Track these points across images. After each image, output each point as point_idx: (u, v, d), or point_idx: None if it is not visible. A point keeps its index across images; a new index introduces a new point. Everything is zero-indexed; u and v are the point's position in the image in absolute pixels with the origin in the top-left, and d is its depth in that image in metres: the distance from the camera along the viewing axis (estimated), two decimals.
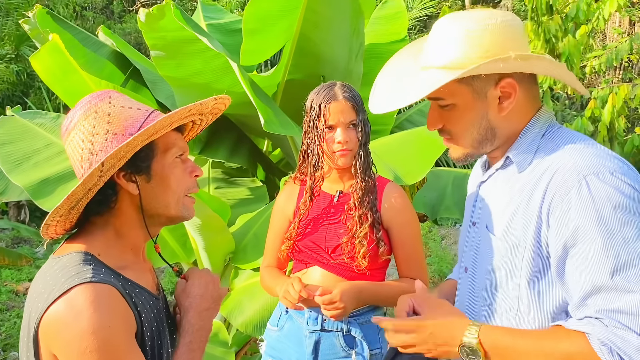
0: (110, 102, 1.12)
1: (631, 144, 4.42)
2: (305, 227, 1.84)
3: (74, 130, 1.11)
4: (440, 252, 5.91)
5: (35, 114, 3.11)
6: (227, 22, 4.22)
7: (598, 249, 1.01)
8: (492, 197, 1.25)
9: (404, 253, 1.83)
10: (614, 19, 8.22)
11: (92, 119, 1.10)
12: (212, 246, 2.71)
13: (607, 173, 1.04)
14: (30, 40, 8.21)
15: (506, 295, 1.18)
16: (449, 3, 11.14)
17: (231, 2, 10.15)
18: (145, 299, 1.14)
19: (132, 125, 1.10)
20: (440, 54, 1.16)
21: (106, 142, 1.08)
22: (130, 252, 1.18)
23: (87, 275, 1.03)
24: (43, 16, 3.26)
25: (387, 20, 4.04)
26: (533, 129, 1.19)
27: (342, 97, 1.74)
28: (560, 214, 1.06)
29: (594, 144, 1.13)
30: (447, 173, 3.46)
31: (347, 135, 1.74)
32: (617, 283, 0.99)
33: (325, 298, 1.66)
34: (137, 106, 1.14)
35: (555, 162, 1.10)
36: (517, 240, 1.14)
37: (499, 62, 1.08)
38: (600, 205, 1.01)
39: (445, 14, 4.33)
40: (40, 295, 1.04)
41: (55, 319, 1.01)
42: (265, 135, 3.88)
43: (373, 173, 1.83)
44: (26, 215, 7.35)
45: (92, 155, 1.09)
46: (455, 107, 1.19)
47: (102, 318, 1.00)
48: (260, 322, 2.54)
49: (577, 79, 1.21)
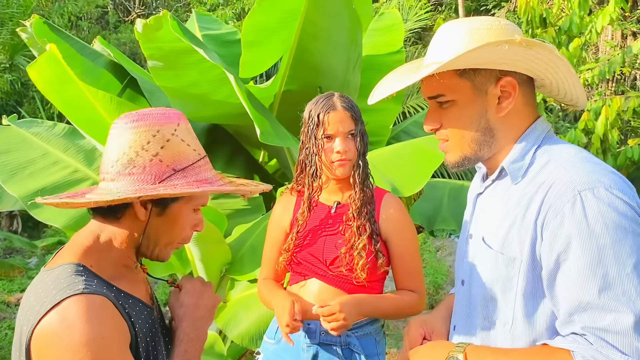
0: (175, 130, 1.13)
1: (624, 156, 4.45)
2: (303, 238, 1.83)
3: (131, 130, 1.11)
4: (435, 264, 5.90)
5: (31, 122, 3.10)
6: (223, 33, 4.23)
7: (587, 265, 1.00)
8: (489, 210, 1.25)
9: (402, 264, 1.82)
10: (606, 32, 8.30)
11: (151, 135, 1.11)
12: (208, 257, 2.69)
13: (602, 189, 1.03)
14: (24, 49, 8.21)
15: (502, 309, 1.17)
16: (443, 15, 11.23)
17: (226, 13, 10.19)
18: (139, 309, 1.14)
19: (180, 162, 1.12)
20: (442, 50, 1.16)
21: (150, 163, 1.10)
22: (122, 267, 1.18)
23: (79, 286, 1.02)
24: (40, 26, 3.26)
25: (383, 31, 4.07)
26: (528, 139, 1.18)
27: (341, 107, 1.75)
28: (553, 228, 1.05)
29: (590, 158, 1.12)
30: (444, 184, 3.47)
31: (346, 145, 1.74)
32: (604, 301, 0.98)
33: (325, 310, 1.64)
34: (194, 146, 1.16)
35: (552, 176, 1.10)
36: (514, 254, 1.13)
37: (503, 44, 1.05)
38: (593, 221, 1.01)
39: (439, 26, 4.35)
40: (32, 307, 1.03)
41: (47, 332, 1.00)
42: (261, 146, 3.88)
43: (371, 184, 1.83)
44: (18, 226, 7.30)
45: (130, 165, 1.09)
46: (455, 104, 1.18)
47: (95, 329, 0.99)
48: (256, 334, 2.52)
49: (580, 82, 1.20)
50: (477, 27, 1.14)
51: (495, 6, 11.22)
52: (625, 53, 4.83)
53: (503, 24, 1.15)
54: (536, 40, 1.10)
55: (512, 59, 1.11)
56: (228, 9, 10.50)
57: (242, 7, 10.30)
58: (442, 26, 1.21)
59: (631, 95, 4.92)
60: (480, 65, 1.13)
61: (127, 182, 1.09)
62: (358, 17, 3.07)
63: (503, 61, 1.12)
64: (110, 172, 1.11)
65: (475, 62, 1.12)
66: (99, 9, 12.28)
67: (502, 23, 1.16)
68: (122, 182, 1.09)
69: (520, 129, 1.19)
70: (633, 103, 4.68)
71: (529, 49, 1.08)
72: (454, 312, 1.37)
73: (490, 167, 1.25)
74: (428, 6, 10.55)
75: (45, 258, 6.47)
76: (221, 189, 1.16)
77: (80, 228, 1.20)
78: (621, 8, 4.58)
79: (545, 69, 1.16)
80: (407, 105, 8.16)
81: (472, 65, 1.13)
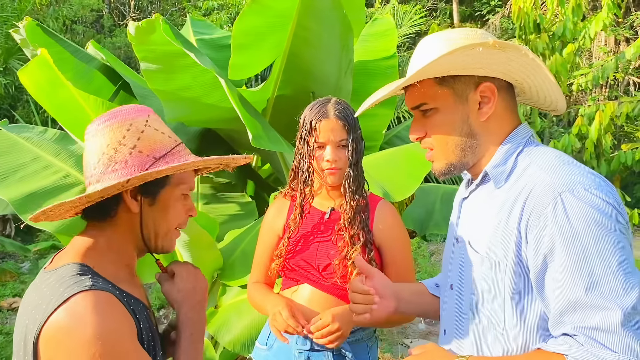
0: (147, 120, 1.16)
1: (617, 161, 4.47)
2: (295, 244, 1.82)
3: (104, 130, 1.13)
4: (429, 268, 5.91)
5: (22, 127, 3.09)
6: (217, 38, 4.23)
7: (573, 265, 1.02)
8: (473, 214, 1.27)
9: (396, 271, 1.80)
10: (599, 38, 8.35)
11: (125, 130, 1.13)
12: (200, 262, 2.68)
13: (581, 189, 1.05)
14: (18, 53, 8.19)
15: (492, 312, 1.18)
16: (438, 20, 11.28)
17: (220, 17, 10.19)
18: (140, 309, 1.14)
19: (158, 150, 1.14)
20: (421, 61, 1.19)
21: (130, 156, 1.11)
22: (123, 268, 1.18)
23: (86, 283, 1.03)
24: (33, 28, 3.26)
25: (376, 37, 4.07)
26: (510, 143, 1.21)
27: (334, 116, 1.73)
28: (537, 231, 1.07)
29: (570, 161, 1.14)
30: (436, 189, 3.47)
31: (337, 154, 1.73)
32: (591, 299, 1.00)
33: (319, 324, 1.63)
34: (168, 133, 1.18)
35: (532, 180, 1.12)
36: (499, 258, 1.15)
37: (477, 46, 1.08)
38: (575, 221, 1.03)
39: (434, 31, 4.36)
40: (38, 306, 1.03)
41: (57, 328, 0.99)
42: (254, 150, 3.88)
43: (365, 192, 1.81)
44: (11, 230, 7.27)
45: (111, 163, 1.11)
46: (438, 112, 1.21)
47: (107, 323, 1.00)
48: (248, 340, 2.51)
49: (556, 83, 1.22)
50: (454, 37, 1.18)
51: (489, 12, 11.28)
52: (619, 59, 4.86)
53: (479, 33, 1.19)
54: (509, 42, 1.13)
55: (487, 63, 1.14)
56: (223, 13, 10.52)
57: (236, 12, 10.31)
58: (422, 40, 1.25)
59: (624, 100, 4.93)
60: (458, 71, 1.16)
61: (112, 178, 1.10)
62: (349, 22, 3.07)
63: (479, 65, 1.15)
64: (94, 174, 1.12)
65: (452, 67, 1.15)
66: (94, 12, 12.27)
67: (478, 32, 1.19)
68: (107, 179, 1.11)
69: (502, 133, 1.22)
70: (626, 108, 4.70)
71: (503, 52, 1.11)
72: (443, 316, 1.37)
73: (474, 173, 1.28)
74: (422, 12, 10.60)
75: (38, 262, 6.43)
76: (204, 160, 1.17)
77: (72, 232, 1.20)
78: (614, 14, 4.61)
79: (522, 72, 1.18)
80: (401, 111, 8.19)
81: (450, 72, 1.16)
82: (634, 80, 8.32)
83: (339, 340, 1.65)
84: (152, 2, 13.50)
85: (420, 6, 10.91)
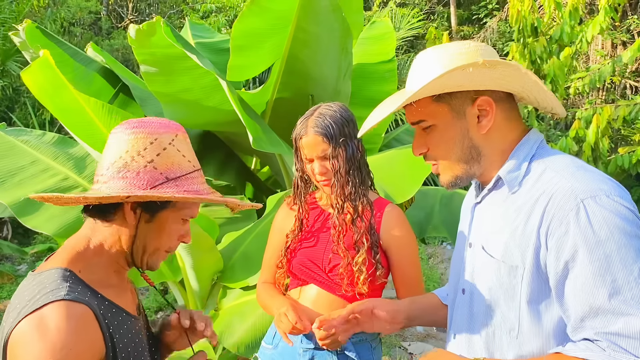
0: (174, 139, 1.15)
1: (615, 164, 4.49)
2: (300, 242, 1.84)
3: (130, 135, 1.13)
4: (427, 271, 5.91)
5: (20, 131, 3.09)
6: (216, 42, 4.24)
7: (596, 271, 1.02)
8: (488, 219, 1.26)
9: (403, 274, 1.81)
10: (596, 42, 8.39)
11: (148, 142, 1.12)
12: (200, 265, 2.68)
13: (603, 196, 1.05)
14: (16, 55, 8.17)
15: (506, 316, 1.18)
16: (436, 24, 11.31)
17: (218, 20, 10.19)
18: (121, 319, 1.14)
19: (173, 171, 1.14)
20: (417, 79, 1.20)
21: (144, 169, 1.11)
22: (113, 273, 1.18)
23: (60, 292, 1.03)
24: (32, 31, 3.26)
25: (375, 40, 4.09)
26: (523, 149, 1.21)
27: (312, 132, 1.72)
28: (558, 237, 1.07)
29: (586, 166, 1.15)
30: (435, 192, 3.48)
31: (323, 167, 1.74)
32: (614, 305, 1.00)
33: (322, 334, 1.63)
34: (189, 157, 1.18)
35: (551, 185, 1.12)
36: (516, 262, 1.14)
37: (468, 67, 1.10)
38: (598, 228, 1.03)
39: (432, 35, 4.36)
40: (15, 309, 1.04)
41: (21, 335, 1.00)
42: (253, 153, 3.88)
43: (364, 197, 1.79)
44: (8, 232, 7.24)
45: (124, 169, 1.11)
46: (437, 128, 1.22)
47: (67, 339, 0.99)
48: (252, 342, 2.50)
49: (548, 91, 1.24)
50: (450, 53, 1.19)
51: (487, 15, 11.31)
52: (616, 62, 4.88)
53: (472, 47, 1.19)
54: (499, 60, 1.14)
55: (481, 80, 1.15)
56: (221, 15, 10.52)
57: (234, 14, 10.32)
58: (417, 55, 1.26)
59: (621, 104, 4.96)
60: (453, 88, 1.17)
61: (119, 185, 1.10)
62: (348, 25, 3.08)
63: (473, 83, 1.16)
64: (105, 174, 1.12)
65: (446, 87, 1.16)
66: (92, 15, 12.26)
67: (471, 46, 1.20)
68: (114, 184, 1.11)
69: (506, 141, 1.22)
70: (623, 112, 4.71)
71: (493, 69, 1.12)
72: (453, 321, 1.37)
73: (483, 180, 1.28)
74: (420, 15, 10.62)
75: (35, 265, 6.41)
76: (209, 198, 1.17)
77: (70, 235, 1.19)
78: (611, 18, 4.63)
79: (517, 84, 1.19)
80: (400, 113, 8.19)
81: (444, 90, 1.17)
82: (630, 83, 8.36)
83: (334, 346, 1.65)
84: (150, 4, 13.50)
85: (418, 9, 10.94)
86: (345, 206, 1.76)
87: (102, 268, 1.15)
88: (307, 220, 1.86)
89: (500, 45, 10.34)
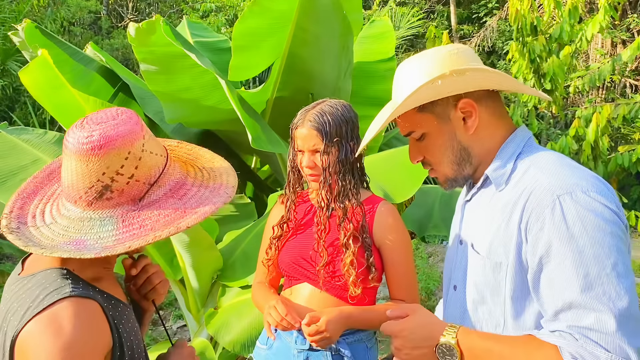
0: (144, 145, 1.11)
1: (615, 163, 4.49)
2: (289, 234, 1.85)
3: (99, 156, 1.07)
4: (427, 270, 5.91)
5: (21, 130, 3.09)
6: (214, 41, 4.25)
7: (569, 266, 1.04)
8: (476, 216, 1.30)
9: (396, 274, 1.80)
10: (596, 40, 8.39)
11: (123, 159, 1.08)
12: (199, 263, 2.69)
13: (579, 192, 1.07)
14: (17, 54, 8.17)
15: (492, 312, 1.21)
16: (436, 23, 11.30)
17: (218, 19, 10.18)
18: (120, 310, 1.15)
19: (153, 175, 1.13)
20: (399, 92, 1.26)
21: (127, 185, 1.09)
22: (102, 267, 1.18)
23: (66, 290, 1.03)
24: (32, 30, 3.26)
25: (375, 39, 4.09)
26: (509, 147, 1.24)
27: (308, 125, 1.72)
28: (535, 232, 1.09)
29: (570, 163, 1.17)
30: (435, 190, 3.48)
31: (311, 161, 1.74)
32: (585, 300, 1.02)
33: (312, 330, 1.63)
34: (158, 151, 1.15)
35: (532, 182, 1.14)
36: (500, 259, 1.17)
37: (436, 80, 1.15)
38: (572, 223, 1.05)
39: (431, 34, 4.36)
40: (16, 312, 1.03)
41: (33, 336, 1.00)
42: (253, 152, 3.89)
43: (353, 199, 1.77)
44: None
45: (106, 192, 1.08)
46: (427, 136, 1.27)
47: (80, 334, 1.00)
48: (248, 341, 2.51)
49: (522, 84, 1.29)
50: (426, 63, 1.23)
51: (486, 14, 11.30)
52: (615, 61, 4.89)
53: (445, 51, 1.23)
54: (466, 67, 1.19)
55: (455, 87, 1.19)
56: (220, 15, 10.51)
57: (234, 14, 10.31)
58: (398, 66, 1.31)
59: (621, 102, 4.97)
60: (432, 98, 1.21)
61: (106, 205, 1.09)
62: (349, 23, 3.08)
63: (448, 90, 1.20)
64: (84, 197, 1.09)
65: (423, 99, 1.20)
66: (92, 14, 12.25)
67: (444, 51, 1.23)
68: (99, 206, 1.09)
69: (495, 138, 1.26)
70: (623, 110, 4.72)
71: (462, 76, 1.16)
72: (446, 317, 1.40)
73: (475, 178, 1.32)
74: (420, 14, 10.61)
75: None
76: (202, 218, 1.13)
77: None
78: (611, 16, 4.63)
79: (494, 83, 1.23)
80: None
81: (423, 102, 1.21)
82: (630, 82, 8.36)
83: (324, 344, 1.65)
84: (150, 4, 13.50)
85: (417, 8, 10.93)
86: (331, 207, 1.77)
87: (91, 264, 1.14)
88: (295, 212, 1.86)
89: (500, 44, 10.34)
